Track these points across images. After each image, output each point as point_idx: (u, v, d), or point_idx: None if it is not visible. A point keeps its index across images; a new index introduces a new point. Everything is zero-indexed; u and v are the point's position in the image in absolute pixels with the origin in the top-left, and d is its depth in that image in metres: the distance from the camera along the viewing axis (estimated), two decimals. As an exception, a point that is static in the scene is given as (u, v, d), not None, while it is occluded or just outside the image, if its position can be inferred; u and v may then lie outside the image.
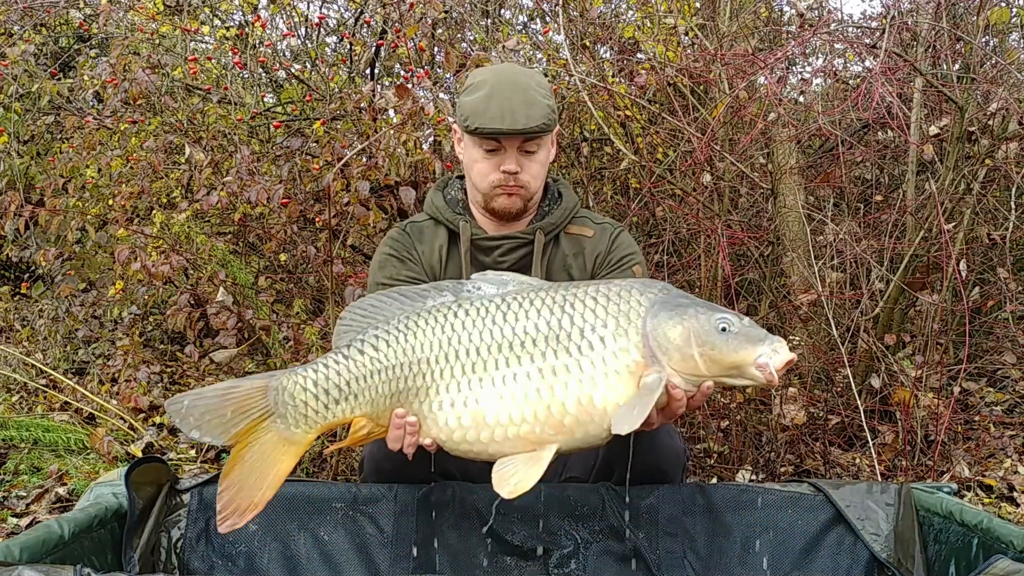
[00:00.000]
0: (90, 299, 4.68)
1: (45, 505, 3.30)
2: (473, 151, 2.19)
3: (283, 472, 1.76)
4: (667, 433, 2.06)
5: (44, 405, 4.20)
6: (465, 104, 2.16)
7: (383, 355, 1.78)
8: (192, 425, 1.73)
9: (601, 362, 1.70)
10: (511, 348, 1.73)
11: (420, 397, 1.77)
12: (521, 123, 2.09)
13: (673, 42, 4.17)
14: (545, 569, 1.99)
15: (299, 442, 1.78)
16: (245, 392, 1.76)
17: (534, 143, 2.16)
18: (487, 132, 2.11)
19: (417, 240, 2.29)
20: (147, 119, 4.12)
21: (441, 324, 1.78)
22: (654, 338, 1.70)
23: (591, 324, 1.73)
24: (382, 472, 2.06)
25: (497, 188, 2.17)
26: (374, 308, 1.85)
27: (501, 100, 2.10)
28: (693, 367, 1.70)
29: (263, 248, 4.39)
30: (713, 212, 3.92)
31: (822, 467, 3.56)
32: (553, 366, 1.71)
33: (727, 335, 1.69)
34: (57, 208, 3.90)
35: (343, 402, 1.78)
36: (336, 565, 2.01)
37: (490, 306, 1.78)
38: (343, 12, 5.31)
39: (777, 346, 1.69)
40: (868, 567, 1.98)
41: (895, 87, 3.47)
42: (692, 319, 1.70)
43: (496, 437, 1.72)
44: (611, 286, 1.78)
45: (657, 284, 1.80)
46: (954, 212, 3.85)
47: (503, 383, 1.72)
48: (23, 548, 1.58)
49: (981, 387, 4.33)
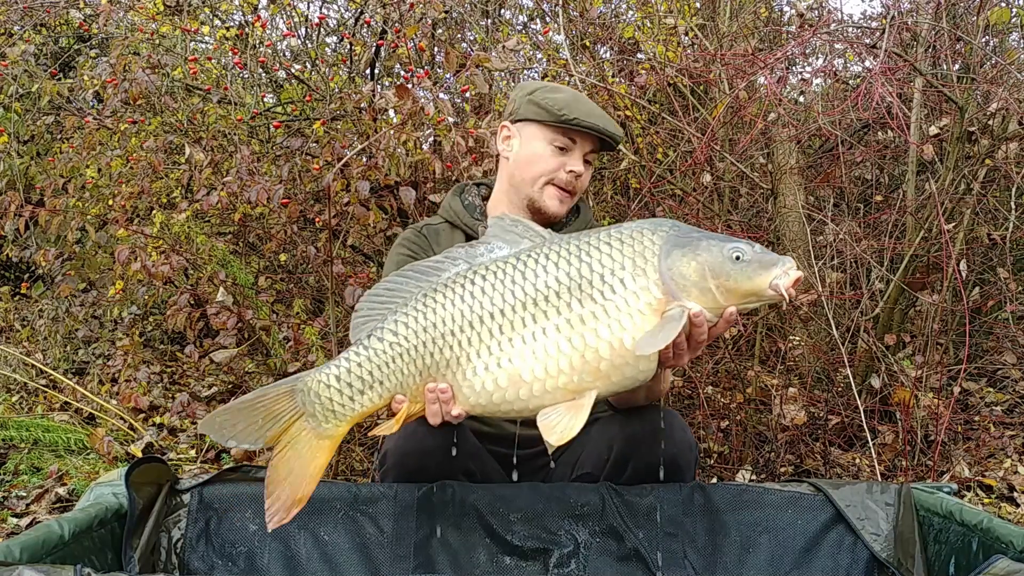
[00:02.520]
0: (90, 299, 4.68)
1: (45, 505, 3.30)
2: (540, 145, 2.21)
3: (320, 466, 1.82)
4: (680, 428, 2.09)
5: (44, 405, 4.20)
6: (551, 97, 2.20)
7: (403, 338, 1.80)
8: (227, 436, 1.79)
9: (624, 304, 1.72)
10: (536, 304, 1.74)
11: (452, 368, 1.78)
12: (612, 128, 2.21)
13: (673, 42, 4.17)
14: (545, 569, 1.99)
15: (332, 436, 1.83)
16: (273, 398, 1.81)
17: (594, 155, 2.26)
18: (585, 125, 2.17)
19: (434, 242, 2.30)
20: (147, 119, 4.12)
21: (460, 295, 1.79)
22: (671, 276, 1.72)
23: (610, 268, 1.74)
24: (405, 468, 2.05)
25: (552, 187, 2.21)
26: (390, 291, 1.86)
27: (589, 106, 2.22)
28: (712, 299, 1.73)
29: (263, 248, 4.39)
30: (713, 212, 3.93)
31: (822, 467, 3.56)
32: (580, 315, 1.73)
33: (740, 264, 1.72)
34: (57, 208, 3.90)
35: (368, 391, 1.81)
36: (336, 565, 2.01)
37: (507, 267, 1.79)
38: (343, 12, 5.32)
39: (788, 267, 1.72)
40: (868, 567, 1.98)
41: (895, 87, 3.47)
42: (705, 252, 1.73)
43: (535, 392, 1.74)
44: (622, 230, 1.80)
45: (667, 222, 1.82)
46: (954, 212, 3.85)
47: (533, 339, 1.74)
48: (23, 548, 1.58)
49: (981, 387, 4.33)
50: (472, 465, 2.08)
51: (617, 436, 2.07)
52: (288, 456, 1.80)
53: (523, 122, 2.24)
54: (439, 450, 2.00)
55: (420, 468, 2.03)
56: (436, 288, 1.81)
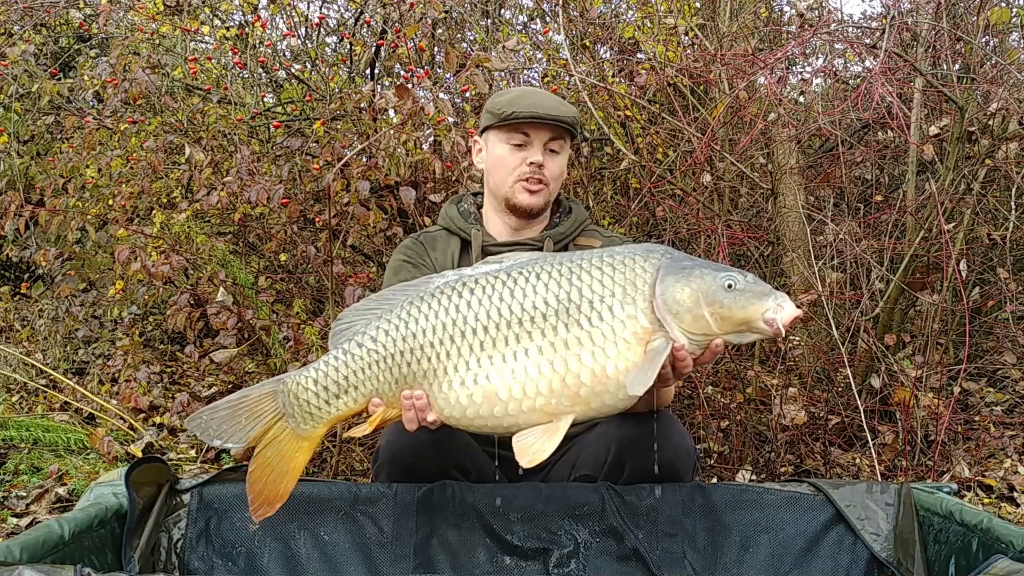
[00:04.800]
0: (90, 299, 4.68)
1: (45, 505, 3.30)
2: (499, 147, 2.27)
3: (300, 465, 1.88)
4: (679, 433, 2.09)
5: (44, 405, 4.20)
6: (497, 101, 2.28)
7: (381, 345, 1.81)
8: (213, 435, 1.84)
9: (611, 332, 1.73)
10: (520, 324, 1.75)
11: (428, 379, 1.79)
12: (555, 112, 2.22)
13: (673, 42, 4.17)
14: (545, 569, 1.99)
15: (310, 437, 1.87)
16: (255, 399, 1.86)
17: (558, 143, 2.27)
18: (524, 116, 2.20)
19: (430, 248, 2.34)
20: (147, 119, 4.12)
21: (444, 306, 1.79)
22: (664, 303, 1.73)
23: (599, 294, 1.75)
24: (398, 463, 2.07)
25: (521, 182, 2.24)
26: (376, 302, 1.88)
27: (535, 97, 2.26)
28: (704, 327, 1.74)
29: (263, 248, 4.39)
30: (713, 212, 3.92)
31: (822, 467, 3.56)
32: (565, 339, 1.73)
33: (734, 292, 1.73)
34: (57, 208, 3.89)
35: (343, 395, 1.83)
36: (336, 565, 2.01)
37: (496, 283, 1.79)
38: (343, 12, 5.32)
39: (782, 301, 1.73)
40: (868, 567, 1.98)
41: (895, 87, 3.47)
42: (699, 279, 1.74)
43: (511, 411, 1.75)
44: (615, 254, 1.80)
45: (659, 248, 1.83)
46: (954, 212, 3.85)
47: (514, 358, 1.74)
48: (23, 548, 1.58)
49: (981, 387, 4.33)
50: (465, 460, 2.09)
51: (615, 439, 2.07)
52: (268, 455, 1.85)
53: (486, 132, 2.32)
54: (431, 445, 2.01)
55: (412, 463, 2.04)
56: (422, 297, 1.82)
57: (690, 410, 3.82)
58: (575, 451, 2.18)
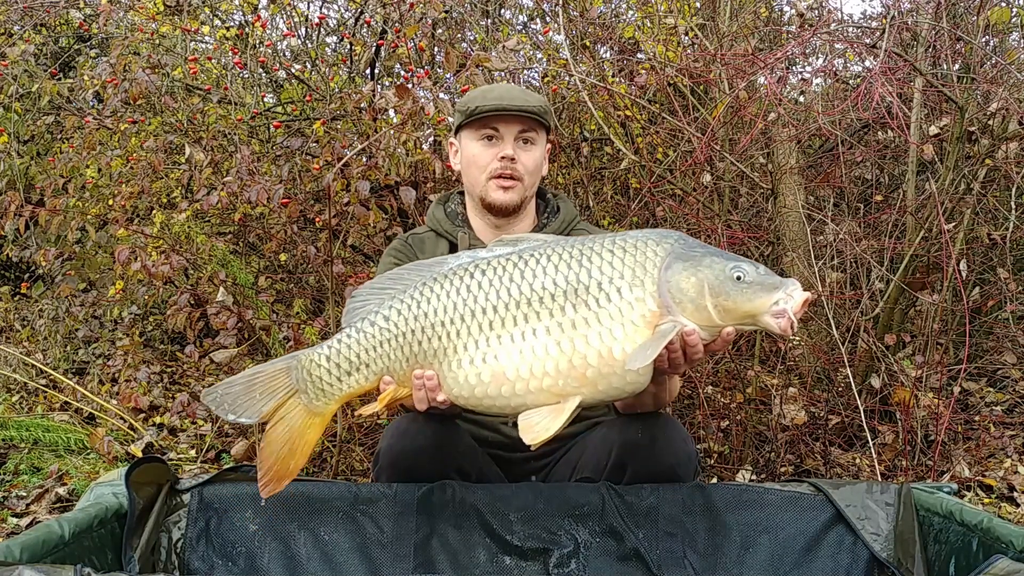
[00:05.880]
0: (90, 299, 4.68)
1: (45, 505, 3.30)
2: (472, 145, 2.25)
3: (311, 441, 1.90)
4: (681, 438, 2.08)
5: (44, 405, 4.20)
6: (464, 98, 2.27)
7: (393, 324, 1.83)
8: (228, 409, 1.86)
9: (619, 313, 1.71)
10: (529, 304, 1.75)
11: (439, 358, 1.80)
12: (520, 102, 2.20)
13: (673, 42, 4.17)
14: (545, 569, 1.98)
15: (322, 413, 1.89)
16: (270, 375, 1.88)
17: (531, 134, 2.24)
18: (488, 109, 2.19)
19: (419, 250, 2.33)
20: (147, 119, 4.12)
21: (456, 287, 1.80)
22: (668, 289, 1.71)
23: (608, 276, 1.74)
24: (399, 466, 2.06)
25: (494, 179, 2.22)
26: (392, 280, 1.88)
27: (500, 90, 2.25)
28: (707, 317, 1.71)
29: (263, 248, 4.39)
30: (713, 212, 3.93)
31: (822, 467, 3.56)
32: (573, 320, 1.73)
33: (741, 284, 1.70)
34: (57, 208, 3.90)
35: (355, 373, 1.85)
36: (336, 565, 2.00)
37: (507, 264, 1.79)
38: (343, 12, 5.32)
39: (791, 290, 1.70)
40: (868, 567, 1.98)
41: (895, 87, 3.47)
42: (706, 269, 1.71)
43: (518, 391, 1.74)
44: (627, 238, 1.80)
45: (673, 234, 1.81)
46: (954, 212, 3.85)
47: (522, 338, 1.74)
48: (23, 548, 1.58)
49: (981, 387, 4.33)
50: (466, 464, 2.09)
51: (616, 442, 2.06)
52: (281, 430, 1.87)
53: (459, 132, 2.31)
54: (431, 448, 2.01)
55: (412, 467, 2.04)
56: (435, 278, 1.83)
57: (690, 410, 3.81)
58: (576, 452, 2.17)
